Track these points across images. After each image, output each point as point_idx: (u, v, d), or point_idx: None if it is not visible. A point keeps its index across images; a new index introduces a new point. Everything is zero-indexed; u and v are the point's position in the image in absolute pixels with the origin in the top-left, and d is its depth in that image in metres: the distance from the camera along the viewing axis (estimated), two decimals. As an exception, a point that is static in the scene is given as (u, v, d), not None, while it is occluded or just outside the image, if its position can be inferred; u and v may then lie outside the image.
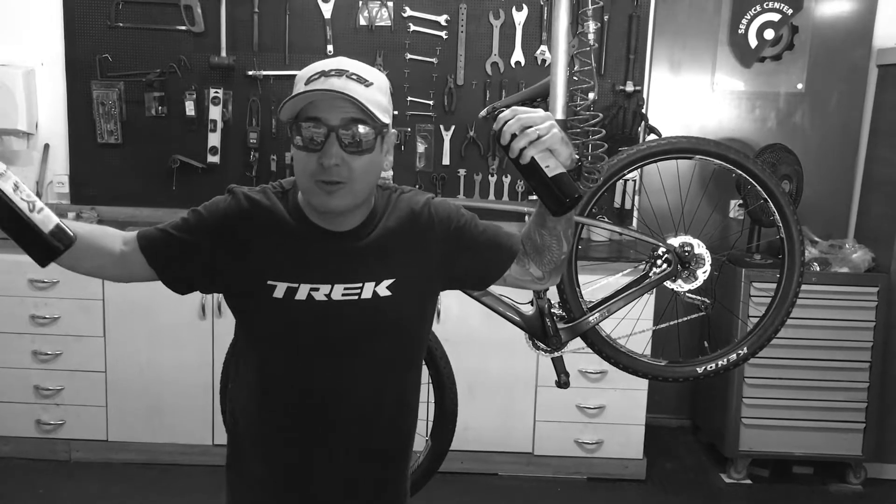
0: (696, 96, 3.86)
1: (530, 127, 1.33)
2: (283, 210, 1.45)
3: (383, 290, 1.44)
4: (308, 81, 1.36)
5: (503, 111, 1.38)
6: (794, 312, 2.13)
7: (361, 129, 1.34)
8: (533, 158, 1.35)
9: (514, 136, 1.34)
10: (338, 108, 1.34)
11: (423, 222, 1.49)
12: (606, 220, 3.32)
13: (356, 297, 1.43)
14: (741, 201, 3.53)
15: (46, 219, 1.30)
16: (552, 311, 2.10)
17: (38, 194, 3.69)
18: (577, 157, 1.42)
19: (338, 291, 1.42)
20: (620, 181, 3.44)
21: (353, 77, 1.35)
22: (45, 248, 1.30)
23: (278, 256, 1.43)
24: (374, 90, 1.37)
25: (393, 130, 1.45)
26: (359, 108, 1.34)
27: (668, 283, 2.10)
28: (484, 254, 1.54)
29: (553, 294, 2.10)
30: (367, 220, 1.46)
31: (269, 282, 1.41)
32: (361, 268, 1.44)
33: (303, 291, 1.41)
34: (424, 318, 1.56)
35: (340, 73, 1.35)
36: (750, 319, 3.24)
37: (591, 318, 2.08)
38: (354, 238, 1.45)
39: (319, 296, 1.42)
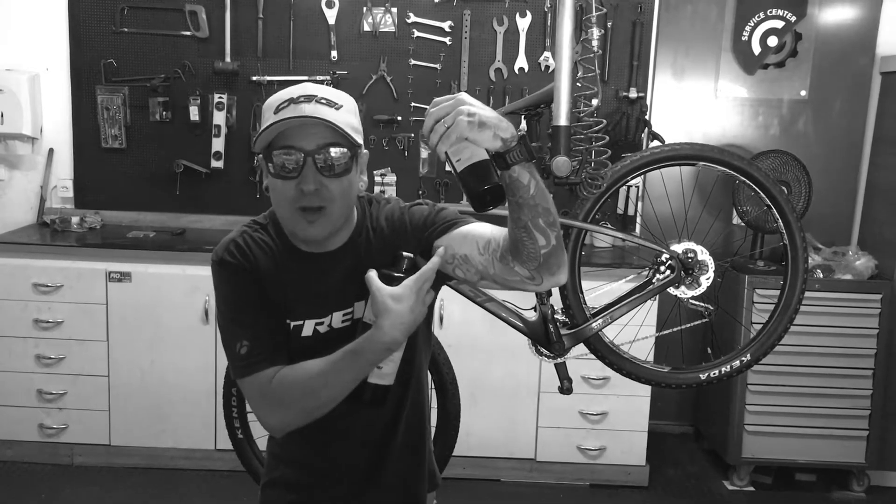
0: (699, 103, 3.86)
1: (440, 121, 1.21)
2: (270, 244, 1.45)
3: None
4: (277, 110, 1.35)
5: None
6: (798, 319, 2.13)
7: (336, 151, 1.35)
8: (447, 153, 1.20)
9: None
10: (311, 133, 1.34)
11: (398, 228, 1.48)
12: (610, 226, 3.32)
13: (349, 321, 1.45)
14: (743, 208, 3.52)
15: None
16: (555, 317, 2.10)
17: (43, 199, 3.73)
18: (520, 142, 1.22)
19: (337, 319, 1.45)
20: (624, 187, 3.44)
21: (323, 101, 1.36)
22: None
23: (288, 294, 1.43)
24: (344, 112, 1.38)
25: (365, 151, 1.45)
26: (333, 131, 1.34)
27: (671, 290, 2.10)
28: (440, 226, 1.46)
29: (556, 300, 2.10)
30: (352, 236, 1.47)
31: (287, 320, 1.44)
32: (349, 290, 1.44)
33: (308, 327, 1.44)
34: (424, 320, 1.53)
35: (309, 98, 1.35)
36: (753, 326, 3.24)
37: (594, 325, 2.08)
38: (340, 259, 1.45)
39: (323, 328, 1.45)
